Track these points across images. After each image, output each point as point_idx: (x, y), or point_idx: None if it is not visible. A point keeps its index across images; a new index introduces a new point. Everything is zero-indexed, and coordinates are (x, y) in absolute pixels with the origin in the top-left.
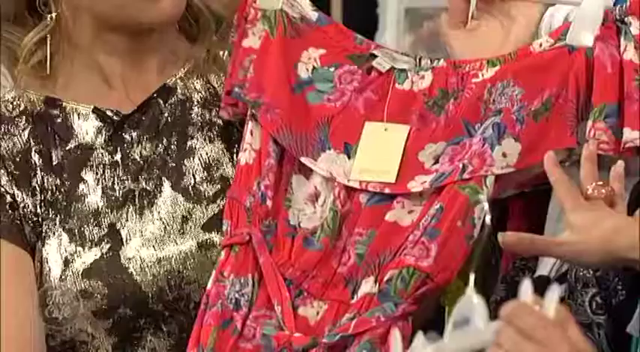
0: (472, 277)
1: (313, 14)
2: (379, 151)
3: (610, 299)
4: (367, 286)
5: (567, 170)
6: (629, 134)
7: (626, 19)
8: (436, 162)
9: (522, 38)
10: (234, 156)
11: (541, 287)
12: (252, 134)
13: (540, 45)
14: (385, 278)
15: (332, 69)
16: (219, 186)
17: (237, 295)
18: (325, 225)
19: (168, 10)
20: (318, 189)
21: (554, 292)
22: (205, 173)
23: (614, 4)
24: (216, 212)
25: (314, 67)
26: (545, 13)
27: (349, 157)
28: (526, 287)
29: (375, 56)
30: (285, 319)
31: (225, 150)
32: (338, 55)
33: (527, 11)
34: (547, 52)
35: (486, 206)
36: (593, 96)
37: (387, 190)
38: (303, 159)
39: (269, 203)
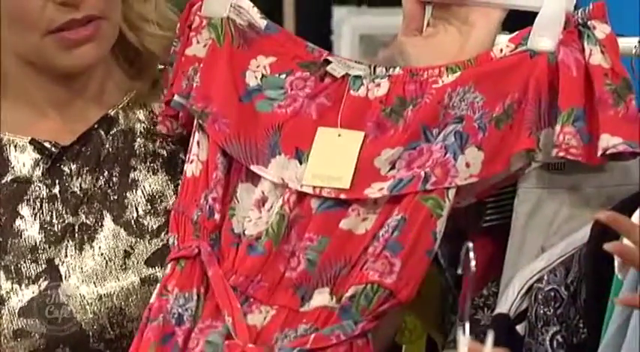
0: None
1: (262, 22)
2: (333, 157)
3: (571, 337)
4: (322, 298)
5: (534, 173)
6: (609, 140)
7: (589, 22)
8: (392, 167)
9: (481, 44)
10: (178, 187)
11: (500, 325)
12: (199, 145)
13: (501, 50)
14: (348, 295)
15: (283, 76)
16: (163, 219)
17: (180, 310)
18: (270, 229)
19: (86, 56)
20: (266, 194)
21: (489, 338)
22: (149, 206)
23: (576, 8)
24: (160, 246)
25: (263, 75)
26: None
27: (301, 162)
28: (464, 338)
29: (328, 62)
30: (237, 330)
31: (169, 182)
32: (289, 62)
33: (485, 17)
34: (508, 58)
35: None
36: (559, 101)
37: (342, 196)
38: (253, 168)
39: (217, 216)
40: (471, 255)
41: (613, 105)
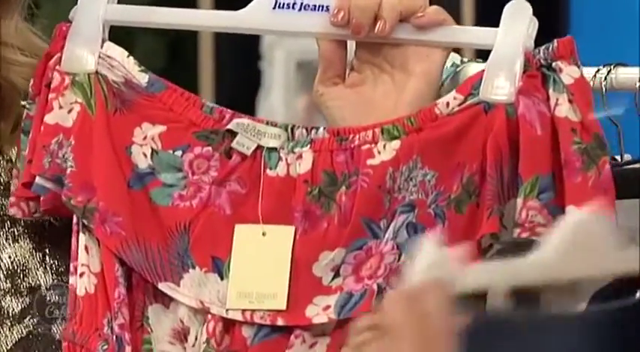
0: None
1: (142, 77)
2: (260, 265)
3: None
4: None
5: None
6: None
7: (553, 64)
8: (337, 274)
9: (421, 96)
10: (47, 257)
11: None
12: (87, 251)
13: (447, 104)
14: None
15: (178, 153)
16: (27, 299)
17: None
18: None
19: None
20: (186, 323)
21: None
22: (8, 283)
23: (535, 47)
24: (23, 335)
25: (154, 151)
26: (449, 58)
27: (222, 277)
28: None
29: (233, 134)
30: None
31: (34, 251)
32: (183, 133)
33: (425, 60)
34: (457, 115)
35: None
36: (520, 168)
37: (280, 322)
38: (161, 286)
39: (128, 350)
40: None
41: (582, 170)
